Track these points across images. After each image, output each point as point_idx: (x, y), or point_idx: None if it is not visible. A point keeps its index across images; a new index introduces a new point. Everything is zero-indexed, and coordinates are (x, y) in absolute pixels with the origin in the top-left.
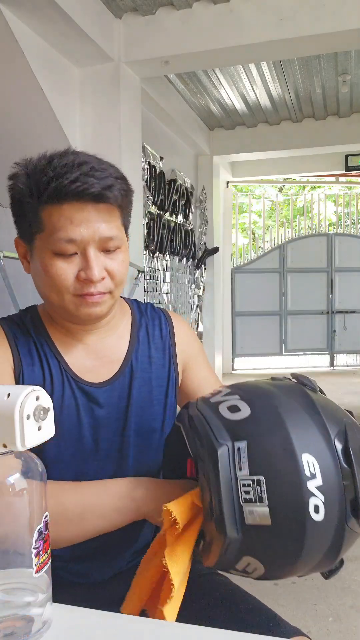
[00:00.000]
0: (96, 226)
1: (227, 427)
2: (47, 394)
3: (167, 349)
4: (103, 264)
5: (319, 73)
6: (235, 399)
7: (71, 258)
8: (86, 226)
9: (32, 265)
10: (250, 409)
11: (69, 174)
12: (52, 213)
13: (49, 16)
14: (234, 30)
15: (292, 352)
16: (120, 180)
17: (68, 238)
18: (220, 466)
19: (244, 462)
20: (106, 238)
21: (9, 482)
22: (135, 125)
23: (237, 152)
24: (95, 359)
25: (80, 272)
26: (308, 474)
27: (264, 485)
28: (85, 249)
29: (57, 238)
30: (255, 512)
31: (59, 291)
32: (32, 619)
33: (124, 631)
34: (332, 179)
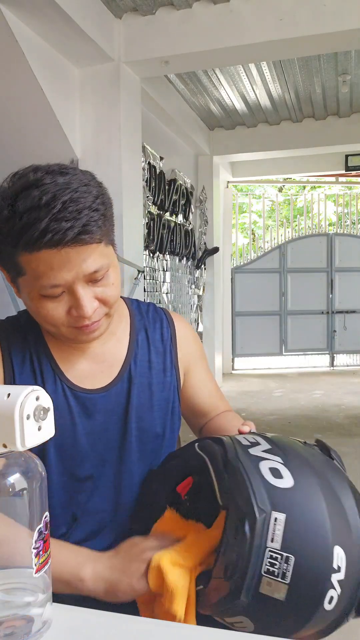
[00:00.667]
0: (78, 266)
1: (268, 492)
2: (47, 395)
3: (169, 353)
4: (93, 294)
5: (319, 73)
6: (278, 462)
7: (60, 297)
8: (68, 269)
9: (21, 295)
10: (294, 480)
11: (37, 223)
12: (29, 260)
13: (49, 16)
14: (234, 30)
15: (292, 352)
16: (97, 204)
17: (51, 284)
18: (256, 533)
19: (278, 535)
20: (91, 273)
21: (9, 482)
22: (135, 125)
23: (237, 152)
24: (93, 364)
25: (72, 310)
26: (335, 566)
27: (291, 564)
28: (72, 288)
29: (41, 285)
30: (273, 584)
31: (54, 325)
32: (32, 619)
33: (124, 631)
34: (332, 179)
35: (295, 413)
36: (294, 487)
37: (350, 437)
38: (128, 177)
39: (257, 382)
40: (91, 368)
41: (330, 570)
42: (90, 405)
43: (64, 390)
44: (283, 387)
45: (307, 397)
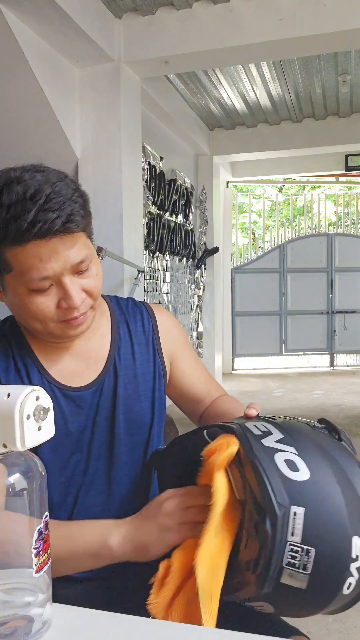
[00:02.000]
0: (65, 256)
1: (286, 487)
2: (47, 395)
3: (151, 343)
4: (79, 285)
5: (319, 73)
6: (293, 454)
7: (48, 291)
8: (55, 259)
9: (6, 297)
10: (310, 472)
11: (25, 214)
12: (17, 254)
13: (49, 16)
14: (234, 30)
15: (292, 352)
16: (76, 197)
17: (41, 277)
18: (277, 530)
19: (298, 528)
20: (77, 263)
21: (9, 482)
22: (135, 125)
23: (237, 152)
24: (79, 361)
25: (61, 302)
26: (354, 556)
27: (312, 556)
28: (60, 280)
29: (30, 278)
30: (294, 576)
31: (42, 322)
32: (32, 619)
33: (124, 631)
34: (332, 179)
35: (295, 413)
36: (310, 480)
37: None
38: (128, 177)
39: (257, 382)
40: (77, 365)
41: (349, 560)
42: (81, 402)
43: (52, 390)
44: (283, 387)
45: (307, 397)
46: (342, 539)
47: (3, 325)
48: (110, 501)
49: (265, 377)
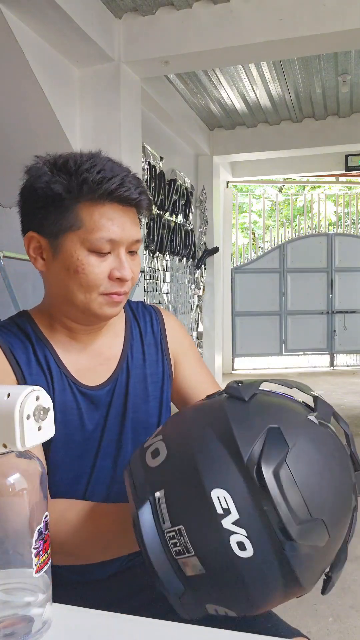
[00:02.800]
0: (130, 229)
1: (147, 476)
2: (47, 394)
3: (159, 344)
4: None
5: (319, 73)
6: (158, 441)
7: (105, 257)
8: (123, 228)
9: (52, 263)
10: (167, 451)
11: (114, 178)
12: (92, 212)
13: (49, 16)
14: (234, 30)
15: (292, 352)
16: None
17: (109, 238)
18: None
19: (164, 512)
20: (135, 241)
21: (9, 482)
22: (135, 125)
23: (237, 152)
24: (93, 357)
25: (114, 271)
26: (221, 510)
27: (185, 534)
28: (119, 249)
29: (98, 237)
30: (188, 563)
31: (88, 289)
32: (32, 619)
33: (124, 631)
34: (332, 179)
35: None
36: (166, 458)
37: None
38: None
39: None
40: (91, 363)
41: (216, 516)
42: (96, 400)
43: (70, 386)
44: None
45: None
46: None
47: (19, 319)
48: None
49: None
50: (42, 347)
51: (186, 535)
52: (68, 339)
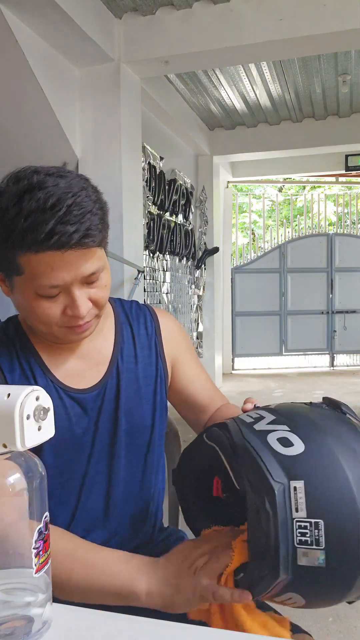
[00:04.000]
0: (77, 268)
1: (281, 463)
2: (47, 395)
3: (154, 346)
4: (87, 295)
5: (319, 73)
6: (285, 431)
7: (56, 297)
8: (67, 270)
9: (12, 296)
10: (304, 444)
11: (43, 225)
12: (30, 260)
13: (49, 16)
14: (234, 30)
15: (292, 352)
16: (96, 209)
17: (50, 284)
18: (278, 507)
19: (302, 503)
20: (88, 275)
21: (9, 482)
22: (135, 125)
23: (237, 152)
24: (82, 362)
25: (67, 309)
26: None
27: (322, 529)
28: (69, 289)
29: (39, 284)
30: (310, 554)
31: (45, 325)
32: (32, 619)
33: (124, 631)
34: (332, 179)
35: None
36: (305, 451)
37: None
38: (128, 177)
39: (257, 382)
40: (80, 367)
41: None
42: (84, 403)
43: (57, 391)
44: (283, 387)
45: (307, 397)
46: (349, 503)
47: (6, 326)
48: (110, 505)
49: (265, 377)
50: (26, 354)
51: (323, 530)
52: (55, 346)
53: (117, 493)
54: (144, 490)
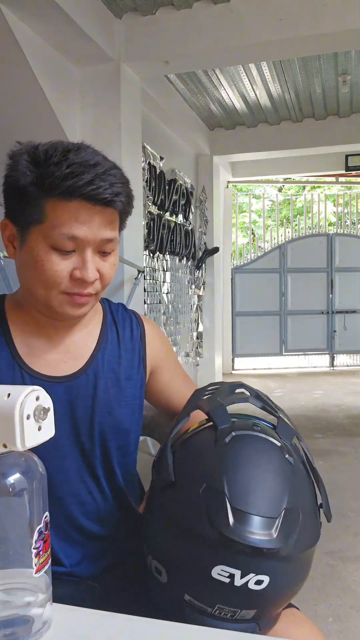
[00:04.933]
0: (98, 228)
1: None
2: (47, 395)
3: (138, 350)
4: (96, 265)
5: (319, 73)
6: None
7: (68, 255)
8: (89, 227)
9: (20, 254)
10: None
11: (85, 175)
12: (57, 207)
13: (49, 16)
14: (234, 30)
15: (292, 352)
16: (126, 186)
17: (71, 234)
18: None
19: None
20: (105, 240)
21: (9, 482)
22: (135, 125)
23: (237, 152)
24: (57, 353)
25: (75, 271)
26: None
27: None
28: (84, 249)
29: (59, 233)
30: None
31: (48, 286)
32: (32, 619)
33: (124, 631)
34: (332, 179)
35: (295, 413)
36: None
37: (350, 437)
38: (128, 177)
39: (257, 382)
40: (55, 356)
41: None
42: (51, 393)
43: (21, 373)
44: (283, 387)
45: (307, 397)
46: None
47: None
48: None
49: (265, 377)
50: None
51: None
52: (33, 329)
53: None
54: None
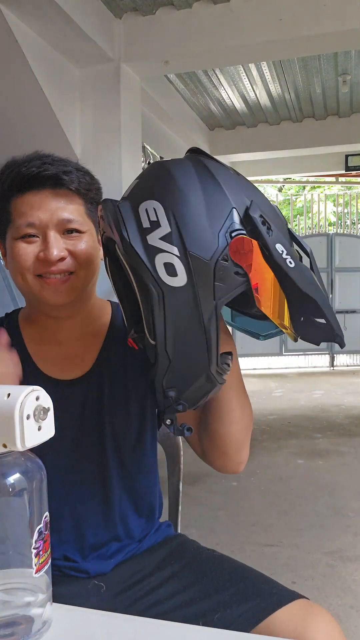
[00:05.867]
0: (54, 209)
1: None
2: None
3: None
4: (64, 245)
5: (319, 73)
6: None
7: (32, 240)
8: (44, 210)
9: (7, 260)
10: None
11: (31, 168)
12: (16, 203)
13: (49, 16)
14: (234, 30)
15: (292, 352)
16: (81, 172)
17: (27, 222)
18: None
19: None
20: (64, 220)
21: (9, 482)
22: (135, 125)
23: (237, 152)
24: (67, 356)
25: (40, 253)
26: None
27: None
28: (45, 232)
29: (19, 224)
30: None
31: (21, 272)
32: (32, 619)
33: (124, 631)
34: (332, 179)
35: (295, 413)
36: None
37: (350, 437)
38: (128, 177)
39: (257, 382)
40: (65, 361)
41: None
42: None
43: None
44: (283, 387)
45: (307, 397)
46: None
47: (4, 320)
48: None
49: (265, 377)
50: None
51: None
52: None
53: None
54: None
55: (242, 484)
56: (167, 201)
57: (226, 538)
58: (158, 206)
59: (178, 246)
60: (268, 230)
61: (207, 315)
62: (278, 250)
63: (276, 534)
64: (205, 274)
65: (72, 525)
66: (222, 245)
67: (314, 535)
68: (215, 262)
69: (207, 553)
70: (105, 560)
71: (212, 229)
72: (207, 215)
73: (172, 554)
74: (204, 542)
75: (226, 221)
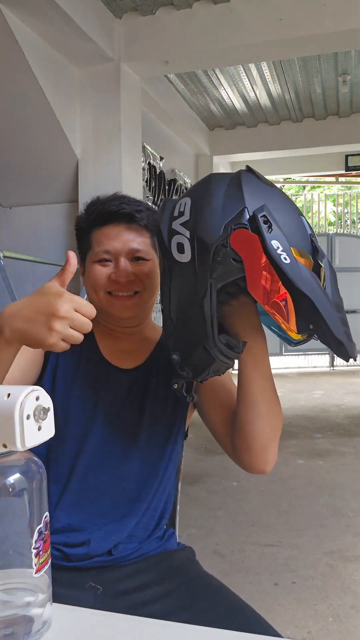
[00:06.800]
0: (126, 240)
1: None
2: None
3: None
4: (132, 270)
5: (319, 73)
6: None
7: (107, 264)
8: (118, 240)
9: (84, 278)
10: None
11: (110, 204)
12: (97, 234)
13: (49, 16)
14: (234, 30)
15: (292, 352)
16: (150, 211)
17: (104, 249)
18: None
19: None
20: (134, 249)
21: (9, 482)
22: (135, 125)
23: (237, 152)
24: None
25: (112, 275)
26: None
27: None
28: (118, 258)
29: (98, 251)
30: None
31: (95, 289)
32: (32, 619)
33: (124, 631)
34: (332, 179)
35: (295, 413)
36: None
37: (350, 437)
38: (128, 177)
39: None
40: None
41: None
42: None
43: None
44: (283, 387)
45: (307, 397)
46: None
47: None
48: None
49: None
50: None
51: None
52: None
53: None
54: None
55: (242, 484)
56: (195, 198)
57: (226, 538)
58: (188, 201)
59: (190, 230)
60: (268, 229)
61: (202, 291)
62: (273, 245)
63: (276, 534)
64: (206, 254)
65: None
66: (225, 233)
67: (314, 535)
68: (216, 246)
69: (207, 579)
70: (109, 537)
71: (222, 221)
72: (221, 210)
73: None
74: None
75: (235, 217)
